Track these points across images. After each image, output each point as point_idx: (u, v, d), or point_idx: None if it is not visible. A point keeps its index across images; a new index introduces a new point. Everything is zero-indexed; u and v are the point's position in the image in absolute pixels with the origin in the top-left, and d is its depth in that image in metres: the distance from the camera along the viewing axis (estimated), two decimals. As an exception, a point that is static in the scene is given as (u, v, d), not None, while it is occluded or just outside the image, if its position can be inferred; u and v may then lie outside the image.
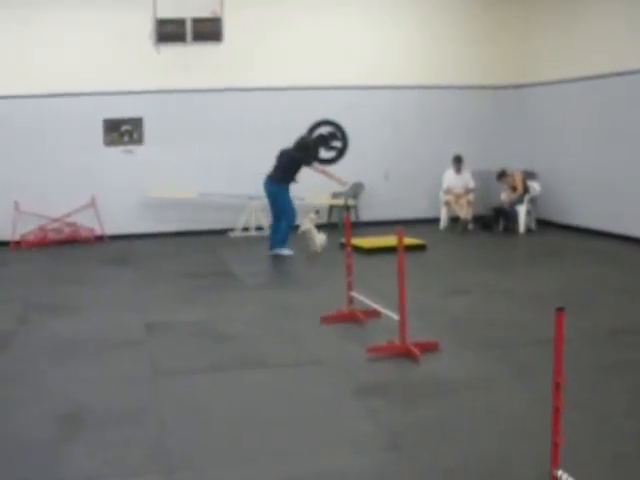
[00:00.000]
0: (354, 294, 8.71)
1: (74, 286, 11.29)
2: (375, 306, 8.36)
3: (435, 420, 5.80)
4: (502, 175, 16.11)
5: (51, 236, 15.43)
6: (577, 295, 9.97)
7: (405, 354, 7.28)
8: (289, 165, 13.41)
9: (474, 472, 4.93)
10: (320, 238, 13.51)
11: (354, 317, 8.66)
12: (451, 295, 10.19)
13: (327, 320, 8.67)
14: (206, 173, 15.94)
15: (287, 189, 13.51)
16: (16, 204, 15.16)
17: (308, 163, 13.47)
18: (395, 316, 7.53)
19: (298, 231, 13.51)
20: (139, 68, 15.37)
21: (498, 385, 6.57)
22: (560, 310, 4.13)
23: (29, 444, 5.49)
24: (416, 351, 7.21)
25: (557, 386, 4.18)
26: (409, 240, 13.64)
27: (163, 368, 7.24)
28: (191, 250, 14.39)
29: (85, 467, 5.10)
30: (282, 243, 13.48)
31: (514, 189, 15.92)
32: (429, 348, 7.47)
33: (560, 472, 4.23)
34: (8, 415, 6.10)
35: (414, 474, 4.98)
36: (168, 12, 13.34)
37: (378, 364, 7.16)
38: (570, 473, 4.26)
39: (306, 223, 13.41)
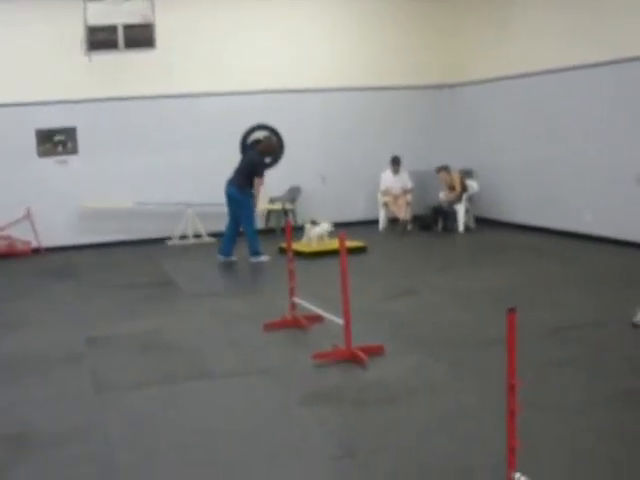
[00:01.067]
0: (297, 300, 8.63)
1: (11, 301, 11.02)
2: (318, 311, 8.29)
3: (387, 426, 5.74)
4: (442, 169, 16.12)
5: (-15, 250, 15.13)
6: (520, 292, 10.01)
7: (351, 359, 7.23)
8: (248, 168, 13.17)
9: (433, 478, 4.89)
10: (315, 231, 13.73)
11: (298, 323, 8.58)
12: (395, 297, 10.15)
13: (270, 327, 8.59)
14: (142, 182, 15.75)
15: (250, 195, 13.17)
16: (-53, 219, 14.85)
17: (261, 173, 13.21)
18: (339, 320, 7.46)
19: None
20: (71, 77, 15.10)
21: (448, 387, 6.54)
22: (512, 311, 4.11)
23: (-29, 468, 5.34)
24: (363, 356, 7.15)
25: (511, 388, 4.14)
26: (349, 243, 13.65)
27: (106, 383, 7.09)
28: (130, 260, 14.18)
29: (32, 490, 4.98)
30: (255, 252, 13.23)
31: (452, 188, 15.98)
32: (375, 352, 7.42)
33: (518, 475, 4.21)
34: (-52, 439, 5.93)
35: (370, 482, 4.93)
36: (99, 19, 13.13)
37: (325, 370, 7.09)
38: (528, 475, 4.24)
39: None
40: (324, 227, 13.69)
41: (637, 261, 11.85)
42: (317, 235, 13.56)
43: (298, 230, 14.49)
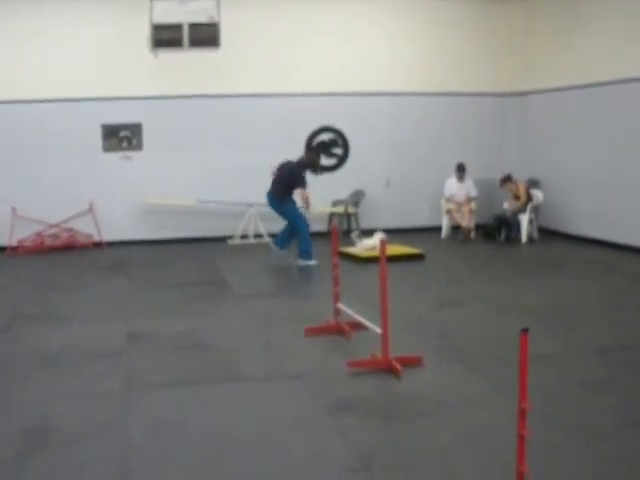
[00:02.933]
0: (340, 305, 8.51)
1: (64, 294, 11.17)
2: (359, 318, 8.15)
3: (410, 440, 5.60)
4: (506, 180, 15.87)
5: (48, 242, 15.31)
6: (574, 308, 9.77)
7: (387, 369, 7.09)
8: (288, 179, 13.18)
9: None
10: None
11: (340, 329, 8.46)
12: (444, 307, 9.97)
13: (312, 332, 8.49)
14: (205, 180, 15.80)
15: (290, 200, 13.26)
16: (13, 209, 15.05)
17: (303, 184, 13.19)
18: (378, 329, 7.32)
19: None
20: (138, 74, 15.29)
21: (481, 403, 6.35)
22: (524, 331, 3.93)
23: (-9, 458, 5.36)
24: (398, 366, 7.01)
25: (522, 412, 3.97)
26: (407, 249, 13.53)
27: (138, 381, 7.07)
28: (187, 258, 14.24)
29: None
30: (305, 254, 13.14)
31: (517, 198, 15.69)
32: (412, 362, 7.27)
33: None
34: (-27, 429, 5.96)
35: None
36: (164, 17, 13.21)
37: (358, 379, 6.96)
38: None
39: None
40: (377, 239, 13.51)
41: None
42: (371, 247, 13.33)
43: (361, 234, 14.45)
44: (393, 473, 5.07)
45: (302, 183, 13.17)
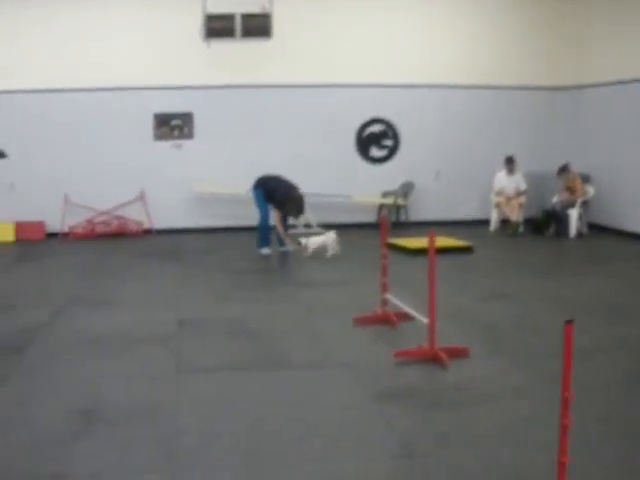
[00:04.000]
0: (388, 296, 8.57)
1: (115, 280, 11.34)
2: (407, 309, 8.20)
3: (453, 429, 5.65)
4: (564, 169, 15.73)
5: (99, 229, 15.55)
6: (621, 303, 9.71)
7: (433, 359, 7.14)
8: (274, 190, 13.43)
9: (485, 485, 4.80)
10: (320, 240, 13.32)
11: (388, 319, 8.53)
12: (491, 299, 9.97)
13: (360, 322, 8.56)
14: (255, 169, 15.79)
15: (259, 190, 13.51)
16: (66, 196, 15.29)
17: (280, 207, 13.42)
18: (425, 320, 7.37)
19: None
20: (190, 63, 15.45)
21: (524, 395, 6.37)
22: (569, 322, 3.95)
23: (43, 438, 5.49)
24: (444, 357, 7.06)
25: (565, 402, 4.00)
26: (456, 242, 13.53)
27: (188, 365, 7.19)
28: (236, 246, 14.36)
29: (92, 464, 5.06)
30: (259, 242, 13.52)
31: (569, 190, 15.58)
32: (459, 354, 7.31)
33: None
34: (27, 408, 6.10)
35: (423, 484, 4.86)
36: (217, 7, 13.38)
37: (404, 369, 7.03)
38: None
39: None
40: (328, 237, 13.33)
41: None
42: (317, 245, 13.21)
43: (410, 226, 14.46)
44: (435, 460, 5.13)
45: (280, 206, 13.45)
